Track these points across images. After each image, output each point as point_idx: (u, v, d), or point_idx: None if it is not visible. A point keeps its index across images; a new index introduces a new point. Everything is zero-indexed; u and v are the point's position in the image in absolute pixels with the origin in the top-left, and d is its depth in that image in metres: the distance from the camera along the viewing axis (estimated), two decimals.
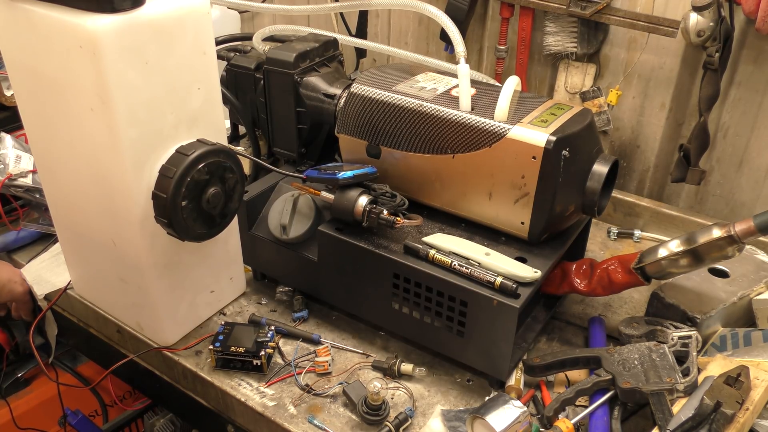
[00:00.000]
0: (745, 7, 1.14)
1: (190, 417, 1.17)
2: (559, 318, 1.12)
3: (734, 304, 1.01)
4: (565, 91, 1.44)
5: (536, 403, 0.96)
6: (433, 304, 0.96)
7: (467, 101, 0.97)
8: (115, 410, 1.79)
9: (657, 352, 0.90)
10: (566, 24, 1.38)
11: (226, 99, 1.22)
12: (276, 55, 1.12)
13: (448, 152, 0.99)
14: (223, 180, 0.93)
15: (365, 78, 1.07)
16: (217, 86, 0.98)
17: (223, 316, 1.13)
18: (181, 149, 0.89)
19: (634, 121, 1.41)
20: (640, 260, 0.96)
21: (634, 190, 1.46)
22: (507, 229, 1.00)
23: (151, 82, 0.86)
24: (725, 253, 0.90)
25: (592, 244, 1.28)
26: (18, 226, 1.34)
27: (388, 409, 0.93)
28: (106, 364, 1.18)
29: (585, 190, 0.96)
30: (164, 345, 1.06)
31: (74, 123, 0.90)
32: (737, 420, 0.79)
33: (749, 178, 1.34)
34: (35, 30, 0.86)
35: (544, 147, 0.90)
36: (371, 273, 1.00)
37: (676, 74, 1.32)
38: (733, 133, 1.32)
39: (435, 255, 0.94)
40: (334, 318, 1.12)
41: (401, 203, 0.99)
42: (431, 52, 1.65)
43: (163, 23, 0.85)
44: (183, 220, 0.89)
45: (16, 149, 1.35)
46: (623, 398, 0.88)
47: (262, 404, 0.96)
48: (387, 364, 1.00)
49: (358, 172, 1.00)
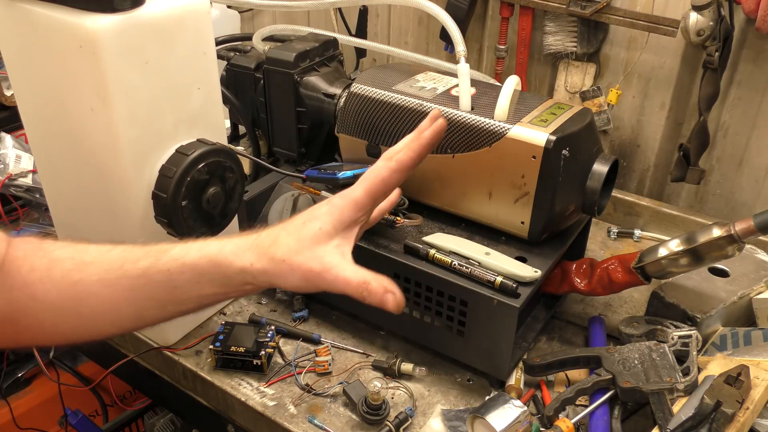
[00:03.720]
0: (745, 7, 1.14)
1: (191, 417, 1.17)
2: (559, 318, 1.12)
3: (734, 303, 1.01)
4: (565, 90, 1.44)
5: (536, 402, 0.96)
6: (433, 304, 0.96)
7: (467, 101, 0.97)
8: (115, 410, 1.79)
9: (657, 352, 0.90)
10: (566, 23, 1.38)
11: (226, 99, 1.22)
12: (276, 55, 1.12)
13: (448, 152, 0.99)
14: (223, 180, 0.93)
15: (365, 78, 1.07)
16: (217, 86, 0.98)
17: (223, 315, 1.13)
18: (181, 149, 0.89)
19: (634, 121, 1.41)
20: (640, 260, 0.96)
21: (634, 189, 1.46)
22: (507, 228, 1.00)
23: (151, 82, 0.86)
24: (725, 253, 0.90)
25: (592, 244, 1.28)
26: (18, 226, 1.34)
27: (389, 408, 0.93)
28: (106, 364, 1.18)
29: (585, 190, 0.96)
30: (164, 345, 1.06)
31: (74, 123, 0.90)
32: (737, 419, 0.79)
33: (749, 177, 1.34)
34: (35, 30, 0.86)
35: (544, 146, 0.90)
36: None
37: (676, 74, 1.32)
38: (733, 132, 1.32)
39: (435, 254, 0.94)
40: (334, 318, 1.12)
41: (401, 203, 0.99)
42: (431, 51, 1.65)
43: (163, 23, 0.85)
44: (183, 220, 0.89)
45: (16, 149, 1.35)
46: (623, 398, 0.88)
47: (262, 404, 0.96)
48: (387, 364, 1.00)
49: (358, 172, 1.00)
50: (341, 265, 0.65)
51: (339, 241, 0.67)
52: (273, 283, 0.66)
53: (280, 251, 0.65)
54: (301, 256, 0.64)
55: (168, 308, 0.67)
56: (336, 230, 0.67)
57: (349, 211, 0.68)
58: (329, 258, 0.65)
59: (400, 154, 0.70)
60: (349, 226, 0.68)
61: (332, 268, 0.64)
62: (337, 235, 0.67)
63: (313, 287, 0.66)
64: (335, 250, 0.66)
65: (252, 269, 0.64)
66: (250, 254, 0.65)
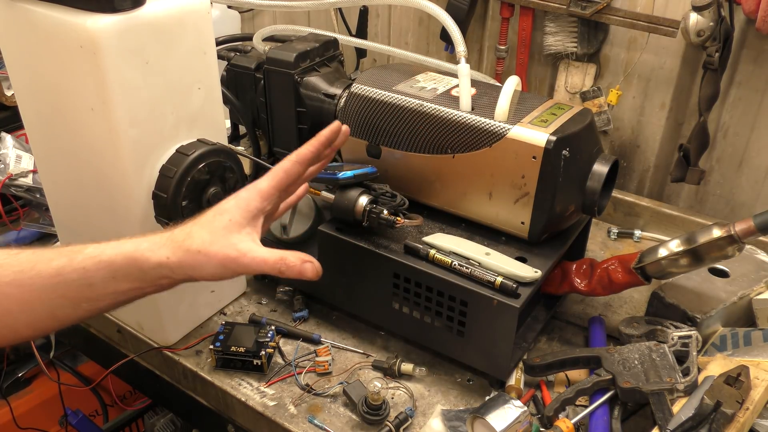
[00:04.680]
0: (745, 7, 1.14)
1: (191, 417, 1.17)
2: (559, 318, 1.12)
3: (734, 303, 1.01)
4: (565, 91, 1.44)
5: (536, 402, 0.96)
6: (433, 304, 0.96)
7: (467, 101, 0.97)
8: (115, 410, 1.79)
9: (657, 352, 0.90)
10: (566, 24, 1.38)
11: (227, 99, 1.22)
12: (276, 55, 1.12)
13: (449, 152, 0.99)
14: (223, 180, 0.93)
15: (365, 78, 1.07)
16: (217, 86, 0.98)
17: (223, 315, 1.13)
18: (181, 149, 0.90)
19: (634, 121, 1.41)
20: (640, 260, 0.96)
21: (634, 189, 1.46)
22: (507, 228, 1.00)
23: (152, 82, 0.86)
24: (725, 253, 0.90)
25: (592, 244, 1.28)
26: (18, 226, 1.34)
27: (389, 408, 0.93)
28: (106, 364, 1.18)
29: (585, 190, 0.96)
30: (164, 345, 1.06)
31: (74, 123, 0.90)
32: (737, 420, 0.79)
33: (749, 177, 1.34)
34: (35, 30, 0.86)
35: (544, 147, 0.90)
36: (371, 273, 1.00)
37: (676, 74, 1.32)
38: (733, 132, 1.32)
39: (435, 255, 0.94)
40: (334, 318, 1.12)
41: (401, 203, 0.99)
42: (431, 52, 1.65)
43: (163, 23, 0.85)
44: (183, 220, 0.89)
45: (16, 149, 1.35)
46: (623, 398, 0.88)
47: (262, 404, 0.96)
48: (387, 364, 1.00)
49: (358, 172, 1.00)
50: (255, 249, 0.70)
51: (249, 229, 0.72)
52: (189, 275, 0.70)
53: (195, 243, 0.69)
54: (216, 246, 0.69)
55: (82, 306, 0.69)
56: (245, 220, 0.72)
57: (255, 202, 0.74)
58: (243, 244, 0.70)
59: (301, 149, 0.79)
60: (256, 215, 0.74)
61: (248, 252, 0.70)
62: (247, 225, 0.72)
63: (230, 273, 0.70)
64: (247, 237, 0.71)
65: (168, 263, 0.68)
66: (165, 249, 0.69)
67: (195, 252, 0.69)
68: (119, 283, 0.68)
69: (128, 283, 0.69)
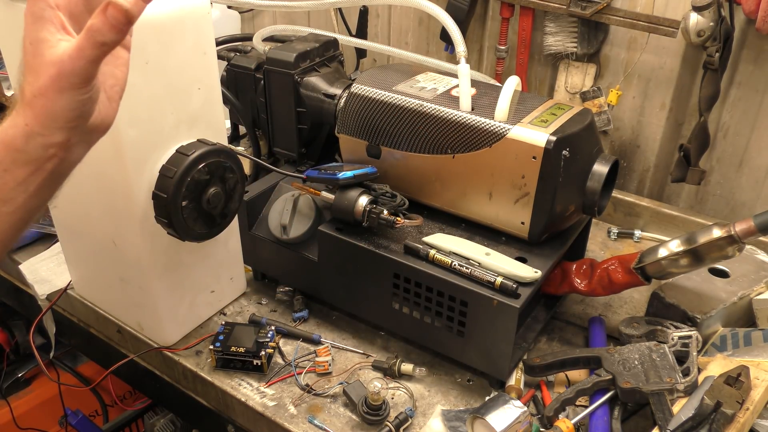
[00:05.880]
0: (745, 7, 1.14)
1: (191, 417, 1.17)
2: (559, 318, 1.12)
3: (734, 304, 1.01)
4: (565, 91, 1.44)
5: (536, 403, 0.96)
6: (433, 304, 0.96)
7: (467, 101, 0.97)
8: (115, 410, 1.80)
9: (657, 352, 0.90)
10: (566, 24, 1.38)
11: (227, 99, 1.22)
12: (276, 55, 1.12)
13: (449, 152, 0.99)
14: (223, 180, 0.93)
15: (365, 78, 1.07)
16: (217, 86, 0.98)
17: (223, 316, 1.13)
18: (181, 149, 0.89)
19: (634, 121, 1.41)
20: (640, 260, 0.96)
21: (634, 190, 1.46)
22: (507, 229, 1.00)
23: (151, 82, 0.86)
24: (725, 253, 0.90)
25: (592, 244, 1.28)
26: None
27: (389, 409, 0.93)
28: (106, 364, 1.18)
29: (585, 190, 0.96)
30: (164, 345, 1.06)
31: None
32: (737, 420, 0.79)
33: (749, 178, 1.34)
34: None
35: (544, 147, 0.90)
36: (371, 273, 1.00)
37: (676, 74, 1.32)
38: (733, 133, 1.32)
39: (435, 255, 0.94)
40: (334, 318, 1.12)
41: (401, 203, 0.99)
42: (431, 52, 1.65)
43: (163, 23, 0.85)
44: (183, 220, 0.89)
45: None
46: (623, 398, 0.88)
47: (262, 404, 0.96)
48: (387, 364, 1.00)
49: (358, 172, 1.00)
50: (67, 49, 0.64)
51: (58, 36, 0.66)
52: (58, 128, 0.64)
53: (26, 94, 0.64)
54: (41, 80, 0.64)
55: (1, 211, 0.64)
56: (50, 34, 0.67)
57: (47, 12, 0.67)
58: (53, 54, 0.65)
59: None
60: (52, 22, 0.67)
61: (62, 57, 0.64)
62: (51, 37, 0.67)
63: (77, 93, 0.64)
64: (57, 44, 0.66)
65: (31, 129, 0.63)
66: (20, 118, 0.64)
67: (31, 101, 0.63)
68: (15, 173, 0.63)
69: (22, 169, 0.63)
